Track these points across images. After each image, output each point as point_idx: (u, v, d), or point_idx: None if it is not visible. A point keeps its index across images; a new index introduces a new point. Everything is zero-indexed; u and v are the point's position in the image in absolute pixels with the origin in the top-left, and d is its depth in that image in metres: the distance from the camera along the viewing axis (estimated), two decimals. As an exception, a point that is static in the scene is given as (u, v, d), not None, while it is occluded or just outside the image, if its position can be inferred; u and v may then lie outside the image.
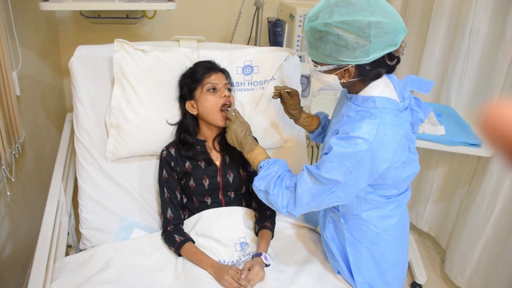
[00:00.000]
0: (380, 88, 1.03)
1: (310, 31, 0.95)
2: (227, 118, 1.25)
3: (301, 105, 1.37)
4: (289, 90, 1.30)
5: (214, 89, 1.28)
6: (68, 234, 1.36)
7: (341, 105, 1.16)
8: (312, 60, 1.01)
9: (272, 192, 1.09)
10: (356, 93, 1.05)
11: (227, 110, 1.26)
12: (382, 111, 0.99)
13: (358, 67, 0.97)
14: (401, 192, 1.12)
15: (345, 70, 0.98)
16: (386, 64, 0.98)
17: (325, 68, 0.98)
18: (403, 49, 0.97)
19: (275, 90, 1.30)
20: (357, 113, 1.02)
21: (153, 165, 1.41)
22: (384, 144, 0.95)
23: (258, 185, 1.12)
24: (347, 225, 1.15)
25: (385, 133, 0.95)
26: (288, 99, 1.31)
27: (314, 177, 1.02)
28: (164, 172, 1.31)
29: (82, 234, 1.33)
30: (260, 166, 1.14)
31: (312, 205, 1.04)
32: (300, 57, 1.95)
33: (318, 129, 1.39)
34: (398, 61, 1.00)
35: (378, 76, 1.01)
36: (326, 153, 1.01)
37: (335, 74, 0.99)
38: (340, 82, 1.02)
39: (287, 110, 1.33)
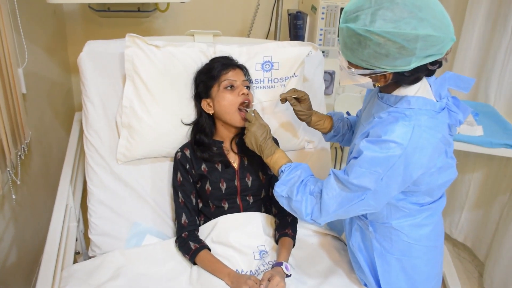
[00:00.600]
0: (416, 88, 1.02)
1: (347, 31, 0.94)
2: (245, 119, 1.27)
3: (324, 103, 1.39)
4: (296, 95, 1.32)
5: (231, 86, 1.30)
6: (77, 240, 1.39)
7: (371, 104, 1.16)
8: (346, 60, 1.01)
9: (295, 198, 1.09)
10: (389, 92, 1.05)
11: (246, 110, 1.28)
12: (417, 113, 0.98)
13: (396, 73, 0.97)
14: (435, 199, 1.11)
15: (381, 75, 0.98)
16: (427, 69, 0.98)
17: (360, 71, 0.98)
18: (447, 55, 0.96)
19: (281, 97, 1.32)
20: (390, 114, 1.02)
21: (167, 167, 1.44)
22: (419, 148, 0.95)
23: (280, 191, 1.13)
24: (376, 234, 1.15)
25: (420, 136, 0.95)
26: (296, 105, 1.34)
27: (342, 183, 1.02)
28: (179, 175, 1.34)
29: (91, 241, 1.36)
30: (281, 171, 1.15)
31: (339, 213, 1.05)
32: (323, 52, 1.96)
33: (331, 132, 1.40)
34: (440, 65, 0.99)
35: (416, 80, 1.01)
36: (356, 157, 1.02)
37: (369, 77, 0.99)
38: (373, 84, 1.02)
39: (296, 115, 1.36)
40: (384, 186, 0.98)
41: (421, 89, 1.02)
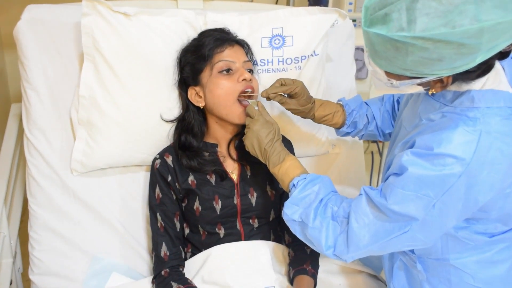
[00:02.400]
0: (483, 79, 0.99)
1: (376, 38, 0.91)
2: (247, 114, 1.28)
3: (356, 89, 1.40)
4: (283, 91, 1.32)
5: (229, 70, 1.31)
6: (11, 283, 1.39)
7: (417, 99, 1.16)
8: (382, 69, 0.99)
9: (313, 224, 1.10)
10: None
11: (248, 102, 1.29)
12: (486, 113, 0.97)
13: (457, 73, 0.95)
14: (511, 227, 1.09)
15: (436, 80, 0.97)
16: (500, 53, 0.94)
17: (405, 82, 0.97)
18: None
19: (262, 95, 1.32)
20: (445, 116, 1.02)
21: (141, 180, 1.46)
22: (489, 163, 0.94)
23: (291, 213, 1.14)
24: (427, 273, 1.15)
25: (491, 147, 0.94)
26: (287, 103, 1.35)
27: (377, 208, 1.03)
28: (157, 190, 1.34)
29: (33, 283, 1.35)
30: (293, 185, 1.16)
31: (373, 248, 1.05)
32: (353, 21, 1.98)
33: (344, 127, 1.42)
34: None
35: (486, 72, 0.99)
36: (397, 175, 1.01)
37: (418, 85, 0.98)
38: (426, 90, 1.02)
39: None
40: (437, 216, 0.98)
41: (491, 78, 1.00)
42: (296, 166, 1.20)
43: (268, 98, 1.32)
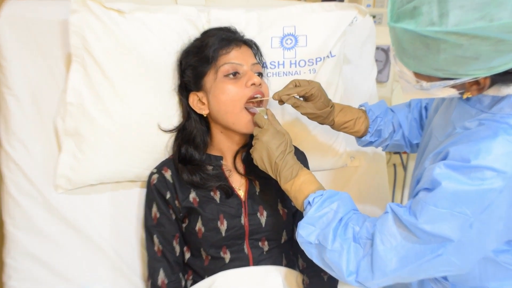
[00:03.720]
0: None
1: (404, 34, 0.95)
2: (255, 124, 1.36)
3: (377, 93, 1.46)
4: (297, 93, 1.39)
5: (235, 73, 1.40)
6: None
7: (449, 105, 1.21)
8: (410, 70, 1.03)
9: (332, 246, 1.12)
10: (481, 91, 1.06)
11: (256, 110, 1.38)
12: None
13: (496, 74, 0.97)
14: None
15: (472, 82, 1.00)
16: None
17: (436, 84, 1.00)
18: None
19: (274, 98, 1.40)
20: (482, 123, 1.05)
21: (136, 198, 1.55)
22: None
23: (306, 234, 1.18)
24: None
25: None
26: (301, 107, 1.42)
27: (406, 228, 1.06)
28: (154, 209, 1.43)
29: (10, 319, 1.42)
30: (309, 203, 1.20)
31: (401, 274, 1.08)
32: (373, 17, 2.08)
33: (367, 135, 1.49)
34: None
35: None
36: (428, 190, 1.04)
37: (451, 87, 1.02)
38: (460, 93, 1.05)
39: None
40: (474, 237, 1.00)
41: None
42: (311, 182, 1.25)
43: (281, 102, 1.40)
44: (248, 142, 1.51)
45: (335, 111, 1.48)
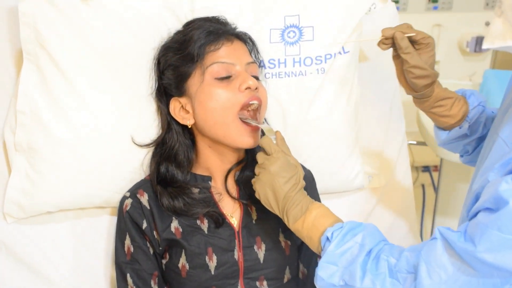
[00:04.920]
0: None
1: None
2: (262, 147, 1.33)
3: (401, 97, 1.46)
4: (413, 33, 1.35)
5: (228, 77, 1.41)
6: None
7: None
8: None
9: (362, 284, 1.13)
10: None
11: (252, 122, 1.39)
12: None
13: None
14: None
15: None
16: None
17: None
18: None
19: (383, 34, 1.37)
20: None
21: (104, 228, 1.55)
22: None
23: (328, 275, 1.18)
24: None
25: None
26: (409, 55, 1.34)
27: (460, 258, 1.05)
28: (127, 241, 1.43)
29: None
30: (327, 239, 1.21)
31: None
32: (396, 2, 2.09)
33: (463, 127, 1.43)
34: None
35: None
36: (491, 210, 1.04)
37: None
38: None
39: (402, 77, 1.41)
40: None
41: None
42: (326, 215, 1.26)
43: (386, 42, 1.37)
44: (242, 159, 1.51)
45: (436, 81, 1.43)
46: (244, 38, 1.51)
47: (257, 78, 1.47)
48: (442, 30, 2.50)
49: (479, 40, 2.47)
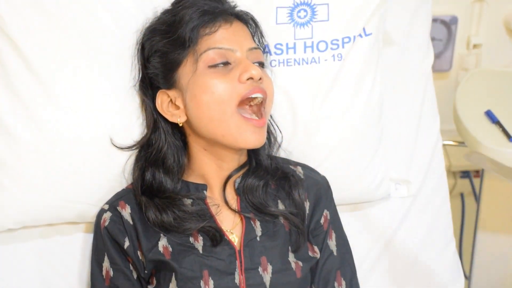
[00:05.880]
0: None
1: None
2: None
3: (435, 88, 1.45)
4: None
5: (225, 63, 1.41)
6: None
7: None
8: None
9: None
10: None
11: (256, 116, 1.39)
12: None
13: None
14: None
15: None
16: None
17: None
18: None
19: None
20: None
21: (77, 248, 1.55)
22: None
23: None
24: None
25: None
26: None
27: None
28: (106, 264, 1.43)
29: None
30: None
31: None
32: None
33: None
34: None
35: None
36: None
37: None
38: None
39: None
40: None
41: None
42: None
43: None
44: (244, 163, 1.51)
45: None
46: (245, 19, 1.50)
47: (262, 65, 1.47)
48: (485, 6, 2.46)
49: None
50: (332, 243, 1.52)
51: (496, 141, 1.86)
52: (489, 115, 1.87)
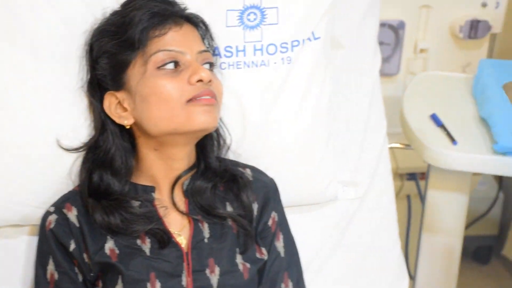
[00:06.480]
0: None
1: None
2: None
3: (382, 92, 1.47)
4: None
5: (175, 63, 1.39)
6: None
7: None
8: None
9: None
10: None
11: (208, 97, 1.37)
12: None
13: None
14: None
15: None
16: None
17: None
18: None
19: None
20: None
21: (22, 251, 1.53)
22: None
23: None
24: None
25: None
26: None
27: None
28: (51, 266, 1.40)
29: None
30: None
31: None
32: None
33: None
34: None
35: None
36: None
37: None
38: None
39: None
40: None
41: None
42: None
43: None
44: (193, 165, 1.50)
45: None
46: (195, 22, 1.49)
47: (211, 68, 1.46)
48: (432, 13, 2.50)
49: (474, 24, 2.47)
50: (279, 245, 1.52)
51: (441, 144, 1.89)
52: (434, 118, 1.91)
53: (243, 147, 1.61)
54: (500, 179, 2.97)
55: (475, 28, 2.48)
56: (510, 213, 3.07)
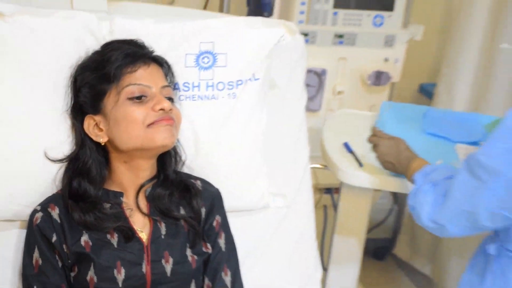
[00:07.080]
0: None
1: None
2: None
3: (307, 124, 1.46)
4: None
5: (142, 96, 1.37)
6: None
7: None
8: None
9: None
10: None
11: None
12: None
13: None
14: None
15: None
16: None
17: None
18: None
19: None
20: None
21: (13, 241, 1.47)
22: None
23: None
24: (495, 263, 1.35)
25: None
26: None
27: (469, 164, 1.38)
28: (36, 254, 1.36)
29: None
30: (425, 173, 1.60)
31: (463, 206, 1.39)
32: (305, 35, 2.09)
33: None
34: None
35: None
36: None
37: None
38: None
39: None
40: None
41: None
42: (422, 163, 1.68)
43: None
44: (154, 176, 1.47)
45: None
46: (160, 62, 1.47)
47: (171, 100, 1.44)
48: (347, 63, 2.54)
49: (378, 74, 2.53)
50: (221, 242, 1.50)
51: (350, 166, 1.90)
52: (346, 146, 1.92)
53: (195, 163, 1.59)
54: (395, 194, 3.01)
55: (379, 77, 2.53)
56: (401, 221, 3.13)
